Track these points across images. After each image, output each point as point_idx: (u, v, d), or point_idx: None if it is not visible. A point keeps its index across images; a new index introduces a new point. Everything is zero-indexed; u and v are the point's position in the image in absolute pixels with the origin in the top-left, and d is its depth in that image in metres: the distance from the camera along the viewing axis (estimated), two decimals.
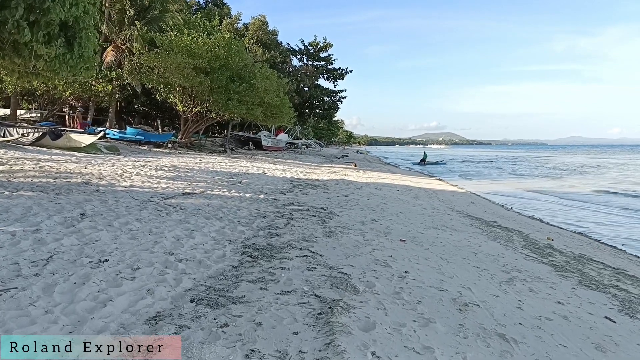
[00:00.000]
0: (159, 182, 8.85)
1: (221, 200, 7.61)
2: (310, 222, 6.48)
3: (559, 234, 9.05)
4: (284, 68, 41.91)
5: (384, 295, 3.62)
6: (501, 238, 7.39)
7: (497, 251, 6.16)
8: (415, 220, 8.18)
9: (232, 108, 20.56)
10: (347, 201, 9.45)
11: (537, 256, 6.26)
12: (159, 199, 6.89)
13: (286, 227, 5.95)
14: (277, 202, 8.19)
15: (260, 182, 11.35)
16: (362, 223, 6.93)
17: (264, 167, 16.42)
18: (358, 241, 5.54)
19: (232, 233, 5.33)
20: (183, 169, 12.05)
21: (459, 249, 5.93)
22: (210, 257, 4.24)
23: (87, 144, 14.68)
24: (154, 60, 18.88)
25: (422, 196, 13.03)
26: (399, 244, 5.77)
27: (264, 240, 5.09)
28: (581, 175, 32.69)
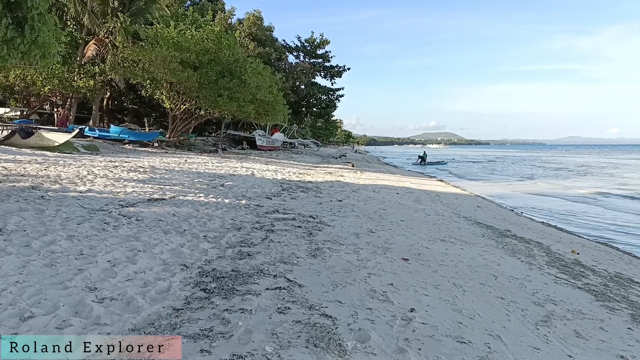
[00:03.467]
0: (125, 185, 7.73)
1: (192, 207, 6.50)
2: (294, 236, 5.37)
3: (581, 245, 7.96)
4: (280, 65, 40.70)
5: (383, 355, 2.53)
6: (520, 252, 6.29)
7: (520, 272, 5.06)
8: (418, 230, 7.08)
9: (222, 105, 19.42)
10: (340, 207, 8.36)
11: (568, 277, 5.17)
12: (115, 208, 5.77)
13: (263, 244, 4.84)
14: (259, 210, 7.08)
15: (245, 184, 10.24)
16: (357, 235, 5.83)
17: (254, 168, 15.30)
18: (350, 262, 4.44)
19: (192, 253, 4.23)
20: (161, 170, 10.92)
21: (474, 270, 4.83)
22: (148, 293, 3.13)
23: (60, 143, 13.56)
24: (138, 53, 17.73)
25: (425, 200, 11.94)
26: (400, 264, 4.68)
27: (230, 264, 3.98)
28: (586, 176, 31.65)
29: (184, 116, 21.28)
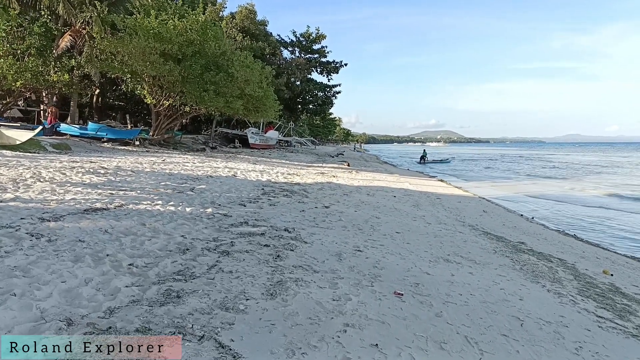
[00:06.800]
0: (67, 192, 6.49)
1: (138, 220, 5.26)
2: (255, 260, 4.13)
3: (610, 262, 6.74)
4: (274, 60, 39.28)
5: None
6: (544, 276, 5.06)
7: (550, 310, 3.83)
8: (417, 245, 5.85)
9: (208, 100, 18.14)
10: (326, 215, 7.14)
11: (612, 315, 3.94)
12: (31, 222, 4.53)
13: (207, 275, 3.60)
14: (223, 221, 5.84)
15: (221, 188, 9.00)
16: (339, 257, 4.60)
17: (239, 168, 14.04)
18: (321, 304, 3.21)
19: (94, 296, 2.99)
20: (127, 171, 9.66)
21: (491, 310, 3.60)
22: None
23: (23, 141, 12.32)
24: (116, 45, 16.44)
25: (424, 204, 10.70)
26: (392, 302, 3.46)
27: (142, 316, 2.74)
28: (592, 176, 30.40)
29: (168, 113, 19.99)
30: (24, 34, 18.08)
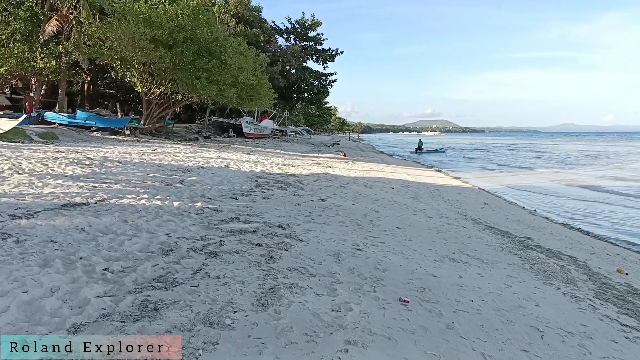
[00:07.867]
0: (46, 185, 6.07)
1: (120, 216, 4.85)
2: (245, 262, 3.76)
3: (622, 258, 6.44)
4: (269, 48, 38.47)
5: None
6: (556, 276, 4.74)
7: (570, 317, 3.50)
8: (419, 242, 5.50)
9: (200, 88, 17.58)
10: (323, 209, 6.77)
11: (637, 324, 3.62)
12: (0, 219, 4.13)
13: (191, 281, 3.22)
14: (213, 217, 5.45)
15: (213, 180, 8.59)
16: (337, 257, 4.24)
17: (232, 159, 13.61)
18: (319, 316, 2.84)
19: (59, 309, 2.60)
20: (114, 162, 9.22)
21: (506, 319, 3.25)
22: None
23: (6, 130, 11.80)
24: (104, 30, 15.81)
25: (424, 196, 10.36)
26: (397, 311, 3.11)
27: (111, 335, 2.36)
28: (591, 165, 30.18)
29: (159, 101, 19.40)
30: (8, 19, 17.41)
